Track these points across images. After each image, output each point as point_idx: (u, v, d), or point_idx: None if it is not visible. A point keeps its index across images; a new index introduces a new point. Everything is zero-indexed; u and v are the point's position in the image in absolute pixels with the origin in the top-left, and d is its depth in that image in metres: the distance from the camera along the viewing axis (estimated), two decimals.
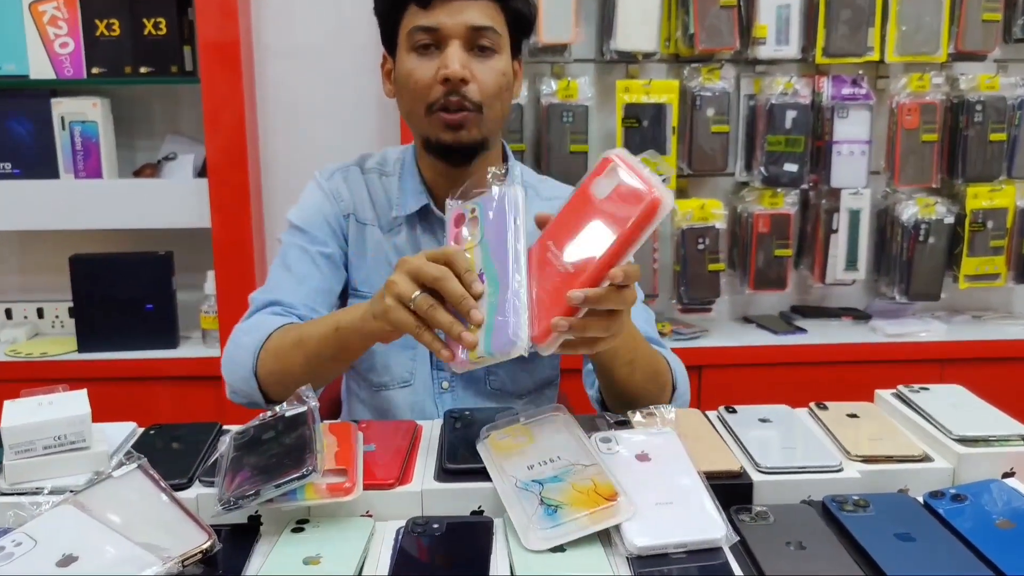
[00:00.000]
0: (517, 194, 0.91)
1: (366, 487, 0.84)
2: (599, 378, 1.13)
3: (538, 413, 0.93)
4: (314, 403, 0.91)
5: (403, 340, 1.19)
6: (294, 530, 0.80)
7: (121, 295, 2.13)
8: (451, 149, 1.16)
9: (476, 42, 1.12)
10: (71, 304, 2.19)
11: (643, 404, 1.02)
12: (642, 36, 2.18)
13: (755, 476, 0.87)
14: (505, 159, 1.28)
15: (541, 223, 0.91)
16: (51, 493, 0.82)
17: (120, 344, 2.14)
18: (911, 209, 2.30)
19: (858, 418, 1.01)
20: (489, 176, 0.94)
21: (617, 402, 1.12)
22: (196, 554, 0.74)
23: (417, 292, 0.90)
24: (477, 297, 0.87)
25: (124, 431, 1.00)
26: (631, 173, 0.84)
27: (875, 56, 2.25)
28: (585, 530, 0.76)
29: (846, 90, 2.27)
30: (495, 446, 0.88)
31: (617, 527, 0.76)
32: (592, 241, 0.84)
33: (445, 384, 1.25)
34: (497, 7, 1.14)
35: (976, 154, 2.28)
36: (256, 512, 0.83)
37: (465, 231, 0.93)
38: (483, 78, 1.13)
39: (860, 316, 2.42)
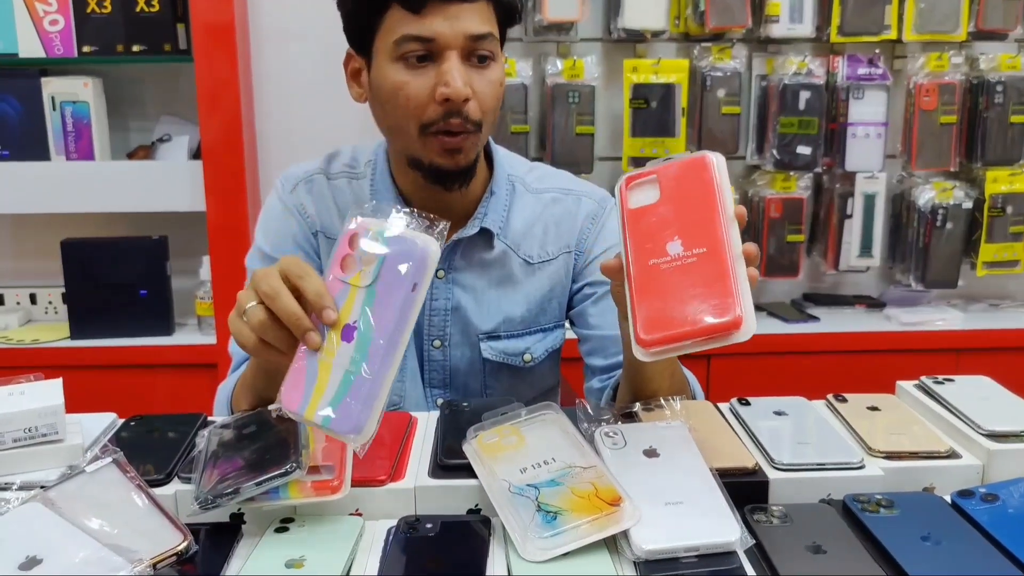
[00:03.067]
0: (432, 255, 0.76)
1: (355, 484, 0.79)
2: (629, 384, 1.05)
3: (527, 412, 0.87)
4: None
5: None
6: (278, 530, 0.76)
7: (114, 280, 2.10)
8: (447, 175, 1.07)
9: (475, 52, 1.02)
10: (64, 289, 2.15)
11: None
12: (651, 14, 2.14)
13: (771, 473, 0.82)
14: (489, 158, 1.19)
15: (609, 271, 0.86)
16: (20, 489, 0.78)
17: (114, 331, 2.10)
18: (928, 194, 2.26)
19: (879, 411, 0.96)
20: (407, 217, 0.78)
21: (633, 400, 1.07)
22: (169, 556, 0.70)
23: (252, 303, 0.79)
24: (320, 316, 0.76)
25: (103, 422, 0.95)
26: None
27: (892, 35, 2.19)
28: (587, 538, 0.71)
29: (862, 70, 2.21)
30: (483, 447, 0.82)
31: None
32: (699, 225, 0.78)
33: (440, 402, 1.19)
34: (490, 5, 1.03)
35: (996, 137, 2.23)
36: (238, 510, 0.78)
37: (358, 257, 0.77)
38: (482, 92, 1.03)
39: (874, 304, 2.38)
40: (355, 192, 1.17)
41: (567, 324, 1.25)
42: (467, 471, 0.81)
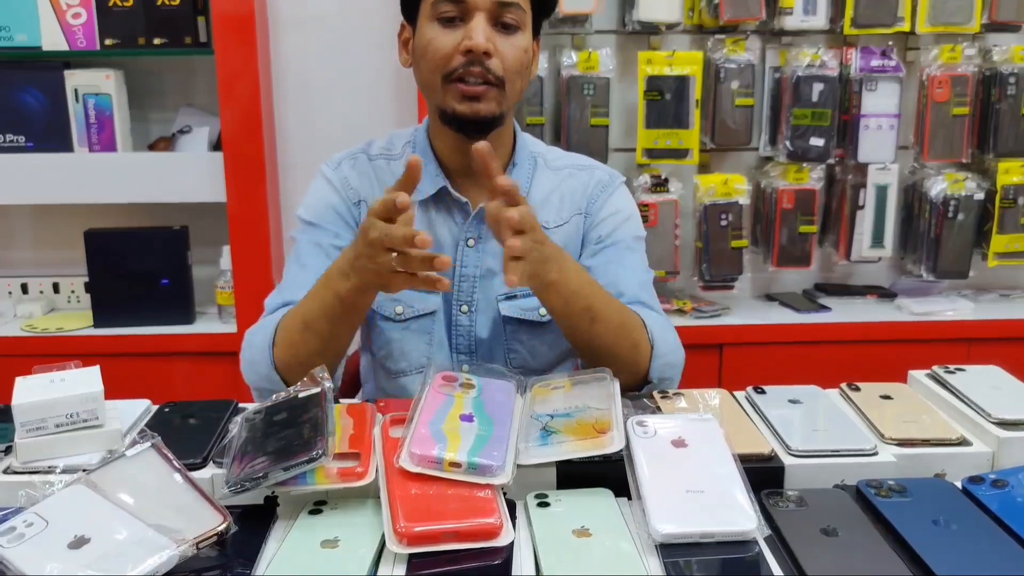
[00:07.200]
0: (513, 388, 0.97)
1: None
2: (562, 330, 1.14)
3: (587, 372, 1.00)
4: (328, 384, 0.89)
5: (419, 325, 1.23)
6: (311, 512, 0.79)
7: (136, 270, 2.12)
8: (466, 120, 1.15)
9: (501, 18, 1.13)
10: (87, 279, 2.18)
11: (617, 364, 1.07)
12: (665, 6, 2.14)
13: (786, 459, 0.85)
14: (514, 137, 1.28)
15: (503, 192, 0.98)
16: (63, 472, 0.81)
17: (136, 319, 2.13)
18: (940, 185, 2.25)
19: (892, 400, 0.98)
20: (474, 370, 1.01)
21: (589, 356, 1.14)
22: (211, 536, 0.72)
23: (384, 256, 0.96)
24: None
25: (138, 408, 0.99)
26: None
27: (906, 26, 2.19)
28: (570, 453, 0.83)
29: (875, 62, 2.21)
30: (535, 391, 0.97)
31: (644, 513, 0.74)
32: None
33: (465, 368, 1.22)
34: None
35: (1008, 128, 2.22)
36: (272, 493, 0.81)
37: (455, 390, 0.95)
38: (506, 53, 1.14)
39: (885, 294, 2.38)
40: (393, 171, 1.26)
41: None
42: None
